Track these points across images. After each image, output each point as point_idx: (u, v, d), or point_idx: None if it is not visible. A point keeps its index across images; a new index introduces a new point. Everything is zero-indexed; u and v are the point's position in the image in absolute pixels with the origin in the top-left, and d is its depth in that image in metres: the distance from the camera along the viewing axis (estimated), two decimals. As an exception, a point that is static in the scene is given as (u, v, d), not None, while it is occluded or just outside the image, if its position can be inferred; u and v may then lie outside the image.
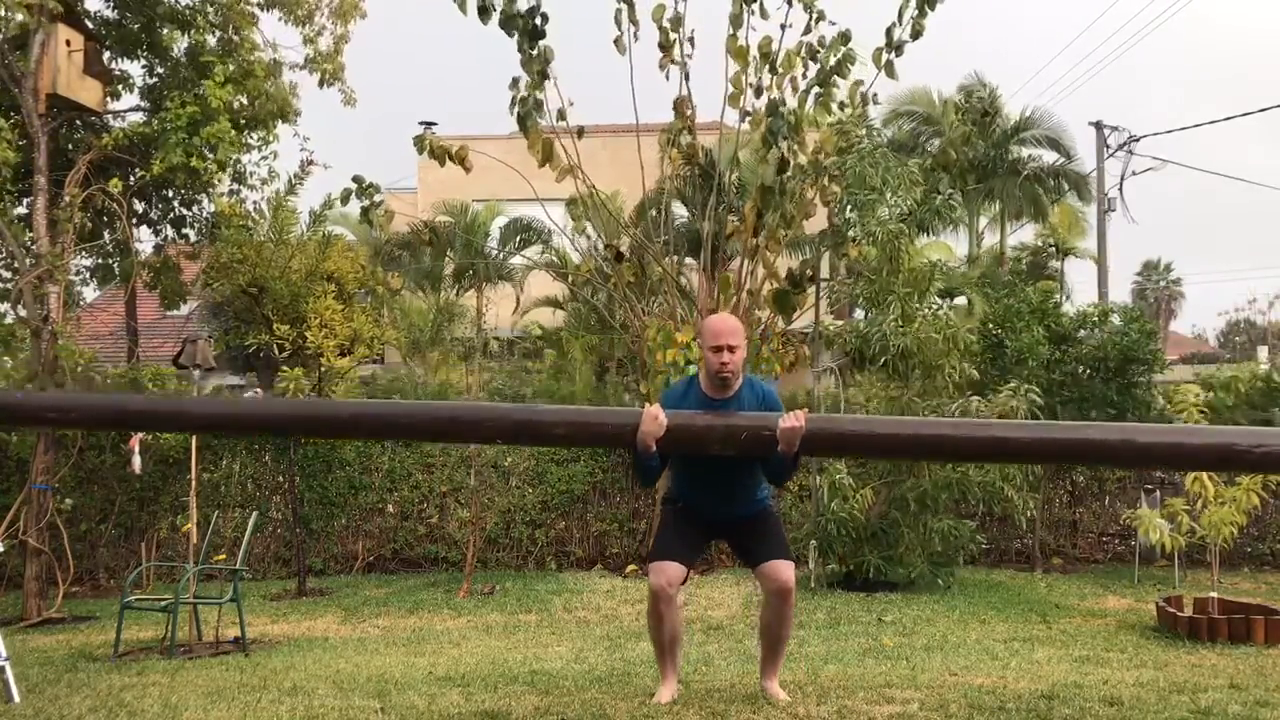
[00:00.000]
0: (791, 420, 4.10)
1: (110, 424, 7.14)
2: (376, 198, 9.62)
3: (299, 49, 10.86)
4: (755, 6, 8.89)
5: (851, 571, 9.19)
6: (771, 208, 9.21)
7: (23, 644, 7.55)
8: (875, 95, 9.18)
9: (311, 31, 10.71)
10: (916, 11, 8.66)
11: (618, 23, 8.85)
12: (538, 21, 8.54)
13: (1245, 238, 73.55)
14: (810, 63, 9.04)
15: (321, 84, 10.86)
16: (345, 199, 9.48)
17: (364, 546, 11.12)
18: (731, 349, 4.27)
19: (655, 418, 4.15)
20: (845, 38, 8.88)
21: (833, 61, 8.96)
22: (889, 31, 8.78)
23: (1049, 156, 22.74)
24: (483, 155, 9.73)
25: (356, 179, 9.35)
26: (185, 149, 9.34)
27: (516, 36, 8.60)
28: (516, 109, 8.81)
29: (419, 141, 9.24)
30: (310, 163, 10.98)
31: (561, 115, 9.05)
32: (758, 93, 9.17)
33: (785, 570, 4.31)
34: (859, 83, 9.14)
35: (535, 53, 8.65)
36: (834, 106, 9.23)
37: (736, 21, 8.99)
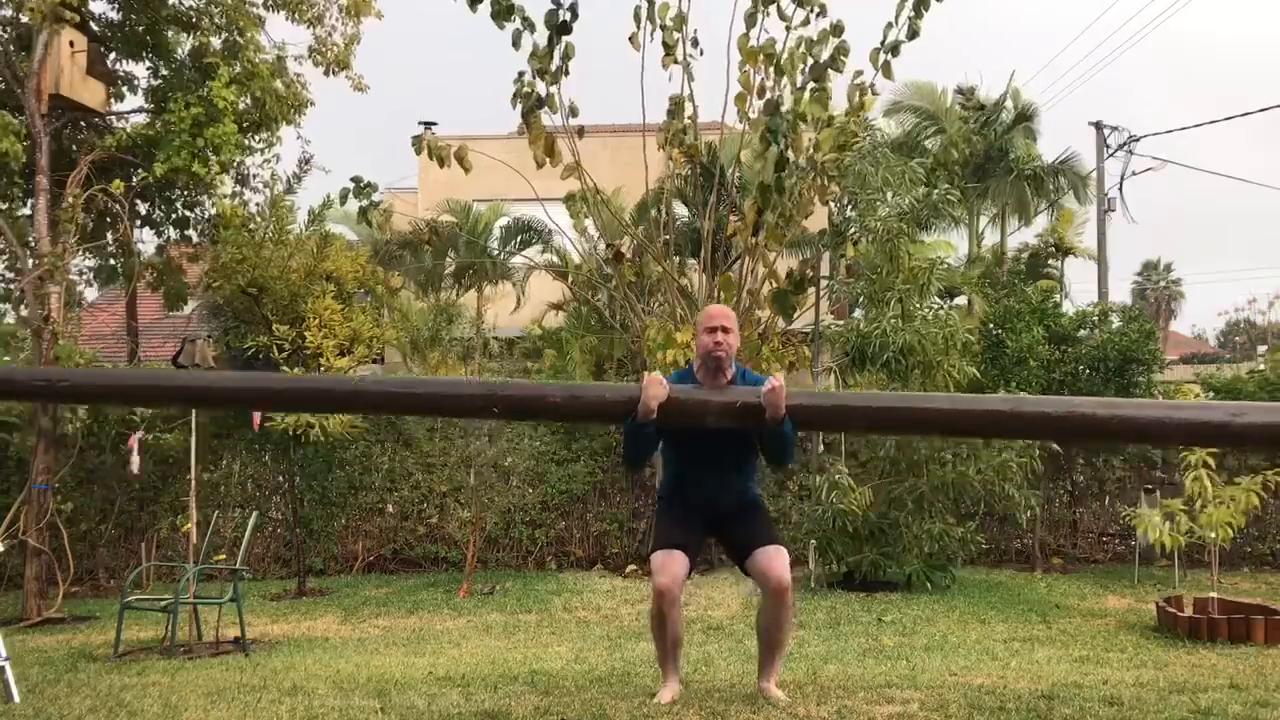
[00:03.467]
0: (770, 384, 4.19)
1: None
2: (375, 197, 9.62)
3: (301, 43, 10.88)
4: (772, 9, 8.87)
5: (851, 571, 9.19)
6: (771, 206, 9.21)
7: (23, 644, 7.54)
8: (873, 86, 9.16)
9: (323, 32, 10.70)
10: (913, 12, 8.67)
11: (636, 20, 8.85)
12: (567, 16, 8.52)
13: (1245, 238, 73.55)
14: (808, 58, 9.04)
15: (328, 73, 10.84)
16: (344, 199, 9.48)
17: (364, 546, 11.12)
18: (725, 330, 4.34)
19: (659, 381, 4.24)
20: (838, 29, 8.86)
21: (825, 55, 8.95)
22: (885, 32, 8.80)
23: (1047, 155, 22.71)
24: (485, 155, 9.74)
25: (355, 179, 9.35)
26: (189, 150, 9.33)
27: (515, 29, 8.58)
28: (519, 104, 8.80)
29: (417, 142, 9.23)
30: (309, 160, 10.97)
31: (574, 111, 9.05)
32: (760, 93, 9.16)
33: (779, 563, 4.28)
34: (859, 76, 9.12)
35: (559, 48, 8.64)
36: (831, 103, 9.22)
37: (751, 21, 8.98)
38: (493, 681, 5.20)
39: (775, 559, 4.28)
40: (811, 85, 9.08)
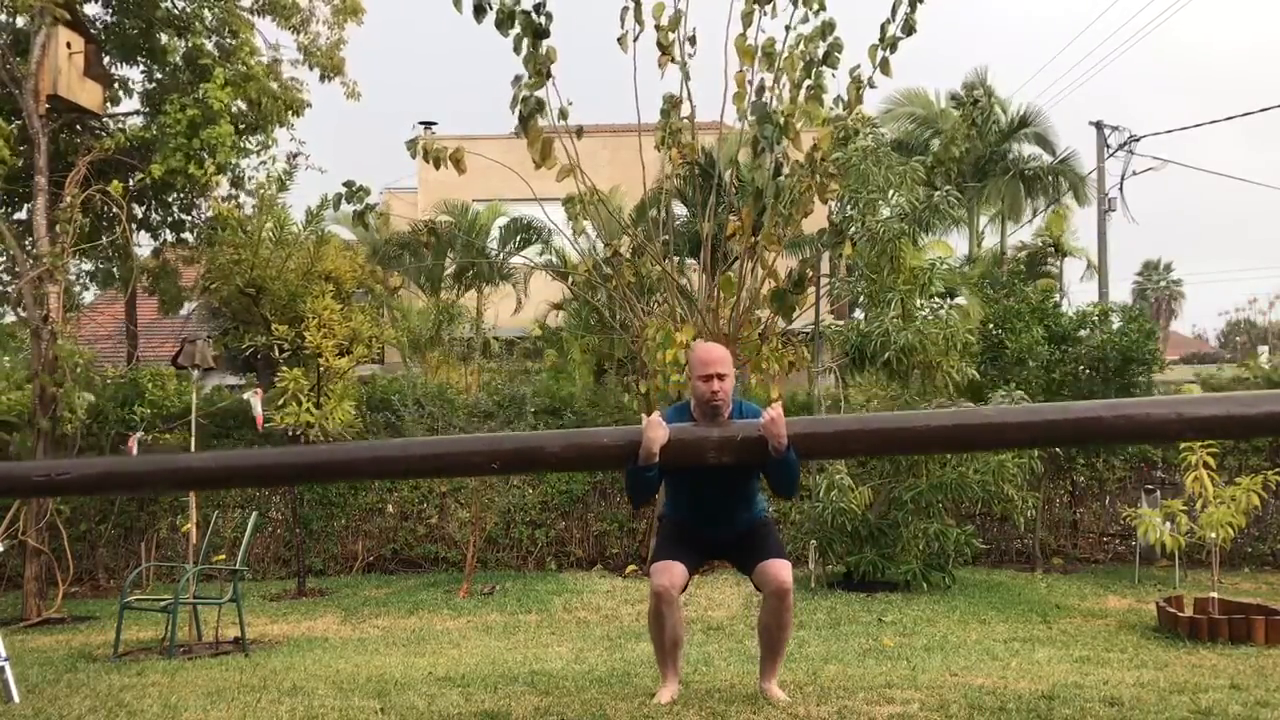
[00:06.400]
0: (768, 414, 4.11)
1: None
2: (372, 199, 9.60)
3: (294, 50, 10.90)
4: (769, 7, 8.86)
5: (851, 571, 9.19)
6: (767, 209, 9.21)
7: (23, 644, 7.54)
8: (871, 79, 9.12)
9: (306, 39, 10.72)
10: (909, 8, 8.68)
11: (623, 20, 8.83)
12: (542, 21, 8.52)
13: (1245, 238, 73.60)
14: (805, 58, 9.03)
15: (323, 79, 10.86)
16: (337, 204, 9.48)
17: (364, 546, 11.12)
18: (721, 377, 4.23)
19: (659, 424, 4.15)
20: (830, 26, 8.87)
21: (819, 52, 8.95)
22: (883, 28, 8.80)
23: (1046, 156, 22.71)
24: (483, 157, 9.73)
25: (347, 183, 9.34)
26: (184, 152, 9.33)
27: (516, 34, 8.58)
28: (519, 108, 8.79)
29: (411, 145, 9.20)
30: (295, 156, 10.96)
31: (564, 115, 9.04)
32: (759, 92, 9.15)
33: (783, 570, 4.30)
34: (856, 69, 9.11)
35: (540, 52, 8.63)
36: (827, 100, 9.20)
37: (747, 20, 8.97)
38: (493, 682, 5.20)
39: (780, 569, 4.31)
40: (807, 84, 9.07)
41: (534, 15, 8.47)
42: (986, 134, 20.91)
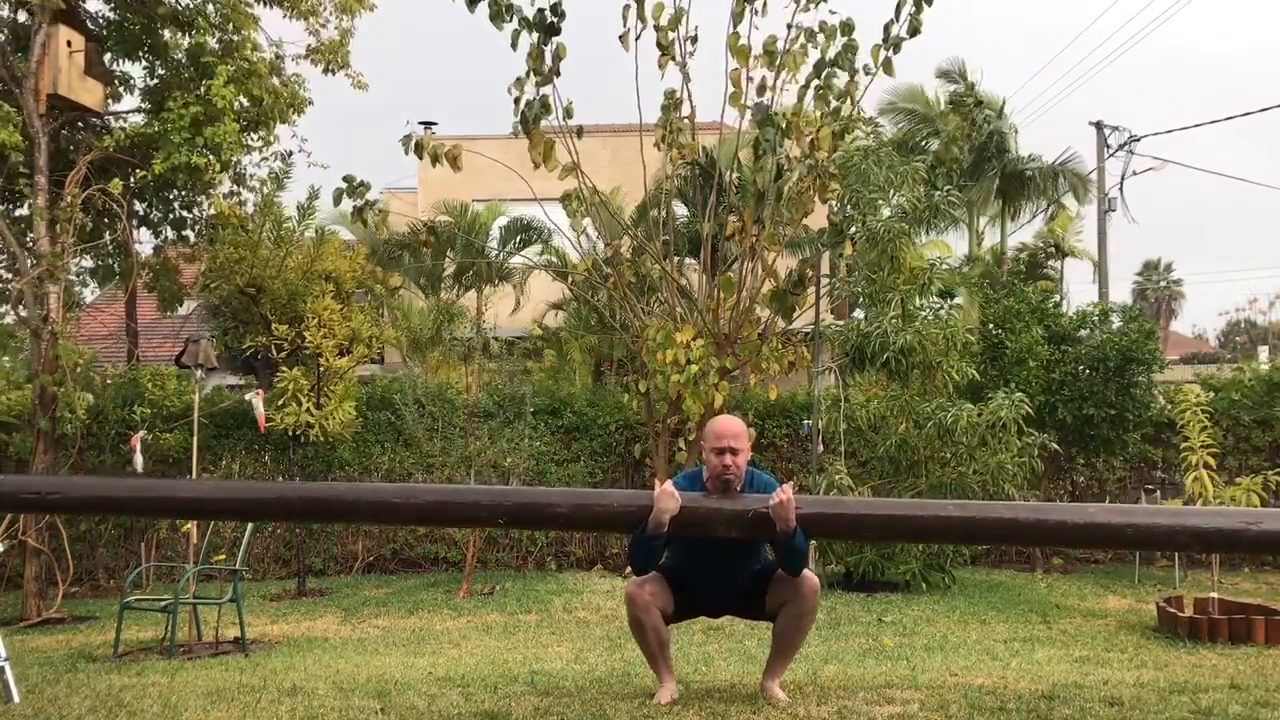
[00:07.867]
0: (777, 496, 4.11)
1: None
2: (370, 197, 9.59)
3: (300, 43, 10.86)
4: (758, 5, 8.85)
5: (851, 571, 9.19)
6: (766, 212, 9.21)
7: (23, 644, 7.54)
8: (868, 67, 9.06)
9: (317, 24, 10.69)
10: (914, 9, 8.66)
11: (625, 18, 8.83)
12: (556, 20, 8.51)
13: (1245, 238, 73.65)
14: (809, 51, 9.01)
15: (327, 71, 10.82)
16: (337, 199, 9.45)
17: (364, 546, 11.12)
18: (734, 452, 4.24)
19: (671, 494, 4.14)
20: (848, 27, 8.83)
21: (833, 52, 8.92)
22: (887, 29, 8.78)
23: (1047, 156, 22.67)
24: (483, 156, 9.72)
25: (347, 179, 9.33)
26: (188, 147, 9.31)
27: (513, 30, 8.56)
28: (521, 111, 8.78)
29: (406, 142, 9.18)
30: (290, 154, 10.93)
31: (569, 113, 9.04)
32: (760, 90, 9.14)
33: (806, 572, 4.34)
34: (855, 74, 9.08)
35: (550, 49, 8.62)
36: (832, 99, 9.19)
37: (738, 18, 8.96)
38: (493, 682, 5.20)
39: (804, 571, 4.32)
40: (815, 84, 9.05)
41: (547, 14, 8.46)
42: (981, 130, 20.86)
